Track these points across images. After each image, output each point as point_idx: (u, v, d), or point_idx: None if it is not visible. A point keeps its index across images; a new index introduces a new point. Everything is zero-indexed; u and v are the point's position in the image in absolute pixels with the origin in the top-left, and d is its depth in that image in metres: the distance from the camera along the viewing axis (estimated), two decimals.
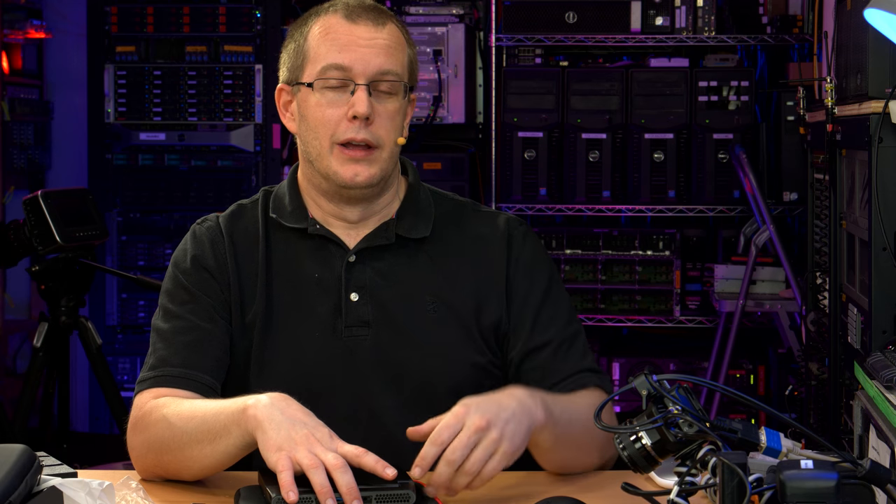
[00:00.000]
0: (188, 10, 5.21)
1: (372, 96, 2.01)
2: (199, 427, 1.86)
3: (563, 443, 1.92)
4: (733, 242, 4.90)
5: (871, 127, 2.56)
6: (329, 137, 2.02)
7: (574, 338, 2.11)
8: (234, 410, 1.82)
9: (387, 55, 2.03)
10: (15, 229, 3.92)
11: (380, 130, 2.02)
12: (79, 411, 5.29)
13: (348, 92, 2.01)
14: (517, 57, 5.14)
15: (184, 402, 1.93)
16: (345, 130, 2.01)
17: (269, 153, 5.19)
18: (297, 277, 2.07)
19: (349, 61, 2.01)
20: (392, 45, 2.04)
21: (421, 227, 2.10)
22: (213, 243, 2.09)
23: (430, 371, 2.04)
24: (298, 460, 1.69)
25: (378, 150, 2.02)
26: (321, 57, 2.03)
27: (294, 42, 2.09)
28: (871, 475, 1.41)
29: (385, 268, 2.08)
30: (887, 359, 2.34)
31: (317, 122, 2.03)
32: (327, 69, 2.02)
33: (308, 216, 2.09)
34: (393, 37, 2.05)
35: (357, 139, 2.01)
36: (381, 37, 2.03)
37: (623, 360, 4.94)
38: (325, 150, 2.03)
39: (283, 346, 2.05)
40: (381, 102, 2.03)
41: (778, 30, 4.87)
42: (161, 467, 1.93)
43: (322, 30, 2.04)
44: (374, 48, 2.02)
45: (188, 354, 2.01)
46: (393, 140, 2.04)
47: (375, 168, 2.03)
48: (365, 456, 1.72)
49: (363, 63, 2.01)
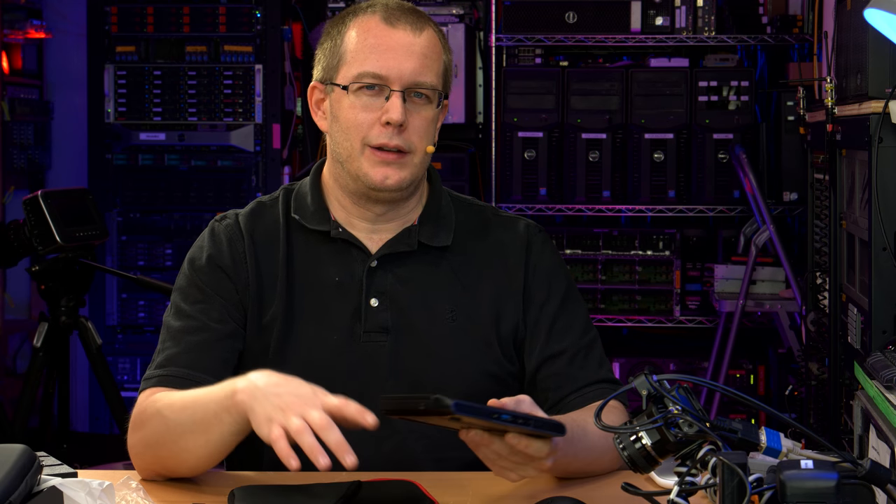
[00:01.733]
0: (188, 10, 5.21)
1: (406, 103, 1.99)
2: (191, 417, 1.86)
3: (574, 459, 1.91)
4: (733, 242, 4.90)
5: (871, 127, 2.56)
6: (361, 140, 2.01)
7: (590, 347, 2.10)
8: (223, 397, 1.81)
9: (423, 64, 2.00)
10: (15, 229, 3.92)
11: (412, 137, 2.01)
12: (79, 411, 5.29)
13: (383, 97, 1.99)
14: (517, 57, 5.14)
15: (175, 394, 1.92)
16: (377, 135, 2.00)
17: (269, 153, 5.19)
18: (318, 280, 2.06)
19: (385, 69, 1.98)
20: (429, 52, 2.02)
21: (443, 235, 2.10)
22: (231, 242, 2.08)
23: (445, 379, 2.03)
24: (287, 427, 1.69)
25: (410, 154, 2.01)
26: (357, 61, 2.00)
27: (331, 41, 2.05)
28: (871, 475, 1.41)
29: (406, 274, 2.07)
30: (887, 359, 2.34)
31: (349, 124, 2.01)
32: (363, 75, 1.99)
33: (330, 218, 2.08)
34: (430, 44, 2.02)
35: (390, 145, 1.99)
36: (418, 43, 2.01)
37: (623, 360, 4.94)
38: (357, 152, 2.01)
39: (301, 348, 2.04)
40: (416, 109, 2.01)
41: (778, 30, 4.87)
42: (159, 463, 1.93)
43: (359, 32, 2.01)
44: (411, 55, 1.99)
45: (195, 355, 2.00)
46: (424, 147, 2.03)
47: (406, 172, 2.02)
48: (347, 407, 1.72)
49: (399, 70, 1.99)
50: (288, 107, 5.30)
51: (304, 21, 5.37)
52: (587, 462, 1.94)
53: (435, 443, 1.99)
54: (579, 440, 1.89)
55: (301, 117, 5.37)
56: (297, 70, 5.37)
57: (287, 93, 5.29)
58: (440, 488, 1.88)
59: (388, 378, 2.03)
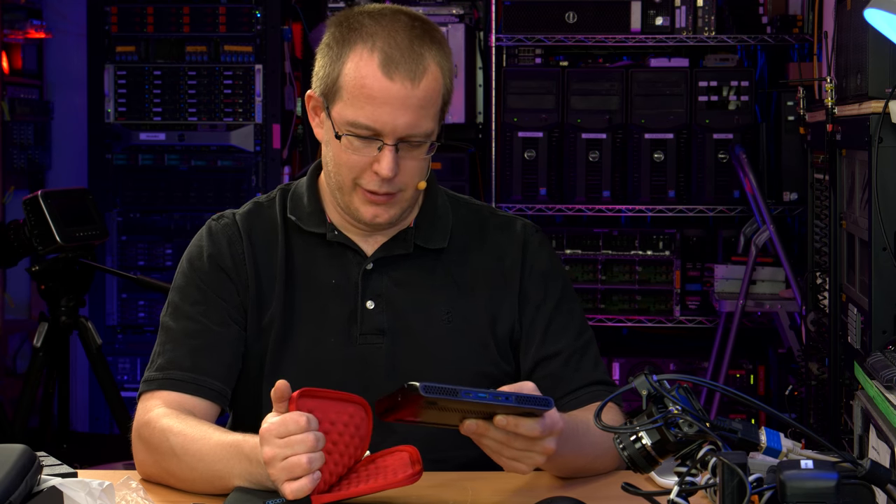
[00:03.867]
0: (188, 10, 5.21)
1: (399, 151, 1.96)
2: (209, 469, 1.83)
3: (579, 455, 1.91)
4: (733, 242, 4.90)
5: (871, 127, 2.56)
6: (351, 179, 1.99)
7: (585, 348, 2.10)
8: (244, 468, 1.80)
9: (418, 116, 1.96)
10: (15, 229, 3.92)
11: (404, 178, 1.98)
12: (79, 411, 5.29)
13: (375, 147, 1.96)
14: (517, 57, 5.14)
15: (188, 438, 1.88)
16: (368, 181, 1.97)
17: (269, 153, 5.19)
18: (315, 282, 2.06)
19: (380, 124, 1.94)
20: (426, 103, 1.97)
21: (438, 237, 2.09)
22: (230, 242, 2.07)
23: (442, 381, 2.03)
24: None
25: (400, 193, 2.00)
26: (351, 108, 1.95)
27: (329, 59, 1.99)
28: (871, 475, 1.41)
29: (402, 277, 2.07)
30: (887, 359, 2.34)
31: (341, 163, 1.99)
32: (356, 125, 1.95)
33: (326, 220, 2.08)
34: (428, 91, 1.97)
35: (380, 192, 1.98)
36: (415, 96, 1.95)
37: (623, 360, 4.94)
38: (348, 188, 2.00)
39: (299, 350, 2.04)
40: (408, 154, 1.98)
41: (778, 30, 4.87)
42: (166, 482, 1.92)
43: (357, 74, 1.95)
44: (406, 110, 1.94)
45: (198, 359, 1.99)
46: (416, 184, 2.01)
47: (396, 209, 2.01)
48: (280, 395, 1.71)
49: (393, 126, 1.94)
50: (288, 107, 5.30)
51: (304, 21, 5.37)
52: (591, 458, 1.94)
53: (434, 443, 1.98)
54: (584, 435, 1.90)
55: (301, 117, 5.37)
56: (297, 70, 5.37)
57: (287, 93, 5.29)
58: (440, 488, 1.88)
59: (384, 380, 2.02)
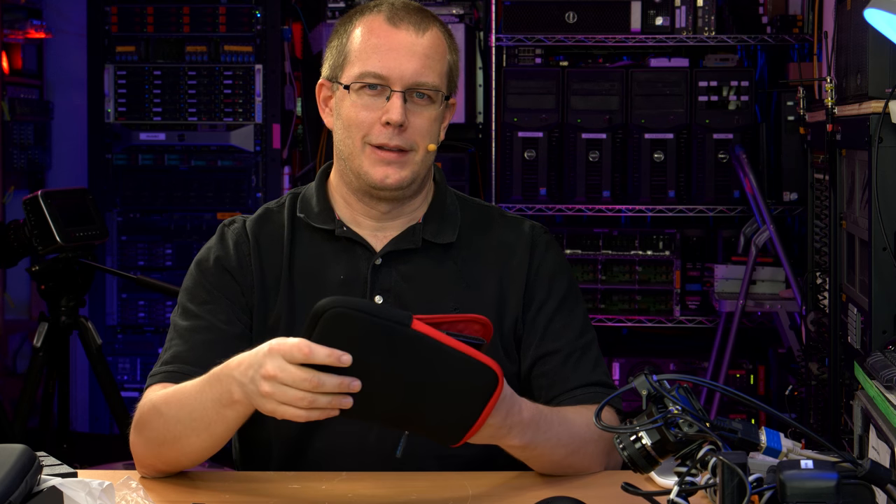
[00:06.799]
0: (188, 10, 5.22)
1: (407, 103, 2.01)
2: (190, 415, 1.86)
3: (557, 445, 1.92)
4: (733, 242, 4.90)
5: (871, 127, 2.56)
6: (361, 138, 2.02)
7: (586, 349, 2.10)
8: (221, 399, 1.81)
9: (425, 64, 2.02)
10: (15, 229, 3.92)
11: (413, 136, 2.02)
12: (79, 411, 5.29)
13: (384, 97, 2.01)
14: (517, 57, 5.14)
15: (169, 390, 1.92)
16: (378, 135, 2.01)
17: (269, 153, 5.19)
18: (323, 278, 2.07)
19: (387, 69, 2.00)
20: (431, 53, 2.03)
21: (447, 232, 2.11)
22: (237, 245, 2.09)
23: None
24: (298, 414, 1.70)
25: (411, 153, 2.03)
26: (360, 60, 2.02)
27: (338, 39, 2.08)
28: (871, 475, 1.41)
29: (410, 271, 2.08)
30: (887, 359, 2.34)
31: (350, 122, 2.03)
32: (365, 74, 2.01)
33: (335, 218, 2.10)
34: (433, 44, 2.04)
35: (389, 145, 2.01)
36: (421, 44, 2.02)
37: (623, 360, 4.94)
38: (357, 150, 2.03)
39: None
40: (417, 109, 2.02)
41: (778, 30, 4.87)
42: (160, 460, 1.93)
43: (364, 31, 2.03)
44: (413, 56, 2.01)
45: (203, 353, 2.01)
46: (425, 145, 2.04)
47: (407, 171, 2.03)
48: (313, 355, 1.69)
49: (400, 71, 2.00)
50: (288, 107, 5.30)
51: (304, 21, 5.37)
52: (571, 450, 1.94)
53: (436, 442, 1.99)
54: (559, 425, 1.91)
55: (301, 117, 5.37)
56: (297, 70, 5.37)
57: (287, 93, 5.29)
58: (440, 488, 1.88)
59: None
